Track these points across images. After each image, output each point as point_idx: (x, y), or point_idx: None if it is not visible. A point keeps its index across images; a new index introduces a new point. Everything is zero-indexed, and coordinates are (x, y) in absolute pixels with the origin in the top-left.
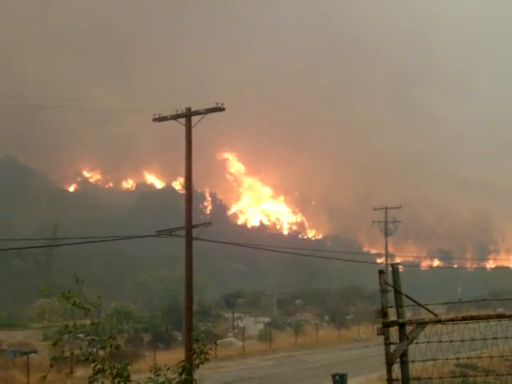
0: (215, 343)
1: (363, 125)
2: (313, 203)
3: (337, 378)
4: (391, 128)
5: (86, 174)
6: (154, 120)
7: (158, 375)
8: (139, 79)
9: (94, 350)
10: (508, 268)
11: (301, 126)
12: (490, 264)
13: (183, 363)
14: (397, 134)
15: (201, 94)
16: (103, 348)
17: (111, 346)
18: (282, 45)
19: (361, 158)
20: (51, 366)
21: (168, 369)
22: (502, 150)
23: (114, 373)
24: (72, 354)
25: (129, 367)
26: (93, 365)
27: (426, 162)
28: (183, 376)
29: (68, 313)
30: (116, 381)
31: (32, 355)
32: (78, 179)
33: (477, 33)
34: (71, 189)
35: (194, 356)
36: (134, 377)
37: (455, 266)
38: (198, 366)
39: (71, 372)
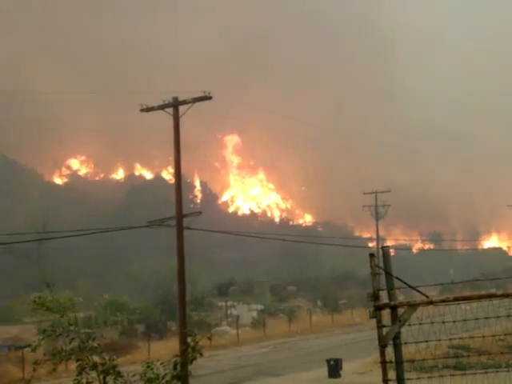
0: (209, 338)
1: (343, 105)
2: (303, 188)
3: (332, 362)
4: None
5: (73, 166)
6: (142, 110)
7: (150, 368)
8: (112, 68)
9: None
10: (499, 249)
11: (284, 112)
12: (482, 245)
13: (176, 358)
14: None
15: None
16: (83, 349)
17: (90, 347)
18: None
19: (346, 139)
20: (34, 370)
21: (161, 363)
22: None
23: (100, 369)
24: (54, 355)
25: (114, 362)
26: (76, 364)
27: (411, 143)
28: (177, 370)
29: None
30: (101, 376)
31: (27, 349)
32: (67, 172)
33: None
34: (60, 182)
35: (189, 350)
36: (128, 368)
37: (446, 248)
38: (191, 362)
39: (54, 369)
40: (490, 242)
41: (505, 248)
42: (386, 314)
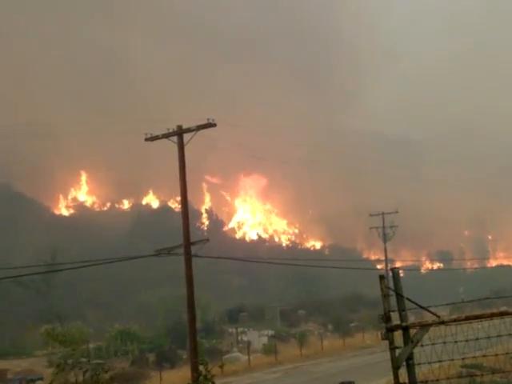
0: (220, 367)
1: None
2: (310, 212)
3: None
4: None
5: (79, 197)
6: (146, 140)
7: None
8: (115, 101)
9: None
10: (509, 266)
11: (287, 135)
12: (491, 263)
13: None
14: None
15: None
16: (96, 382)
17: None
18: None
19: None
20: None
21: None
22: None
23: None
24: None
25: None
26: None
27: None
28: None
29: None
30: None
31: (38, 382)
32: (73, 204)
33: None
34: (67, 213)
35: (201, 379)
36: None
37: (455, 267)
38: None
39: None
40: (499, 259)
41: None
42: (397, 335)
